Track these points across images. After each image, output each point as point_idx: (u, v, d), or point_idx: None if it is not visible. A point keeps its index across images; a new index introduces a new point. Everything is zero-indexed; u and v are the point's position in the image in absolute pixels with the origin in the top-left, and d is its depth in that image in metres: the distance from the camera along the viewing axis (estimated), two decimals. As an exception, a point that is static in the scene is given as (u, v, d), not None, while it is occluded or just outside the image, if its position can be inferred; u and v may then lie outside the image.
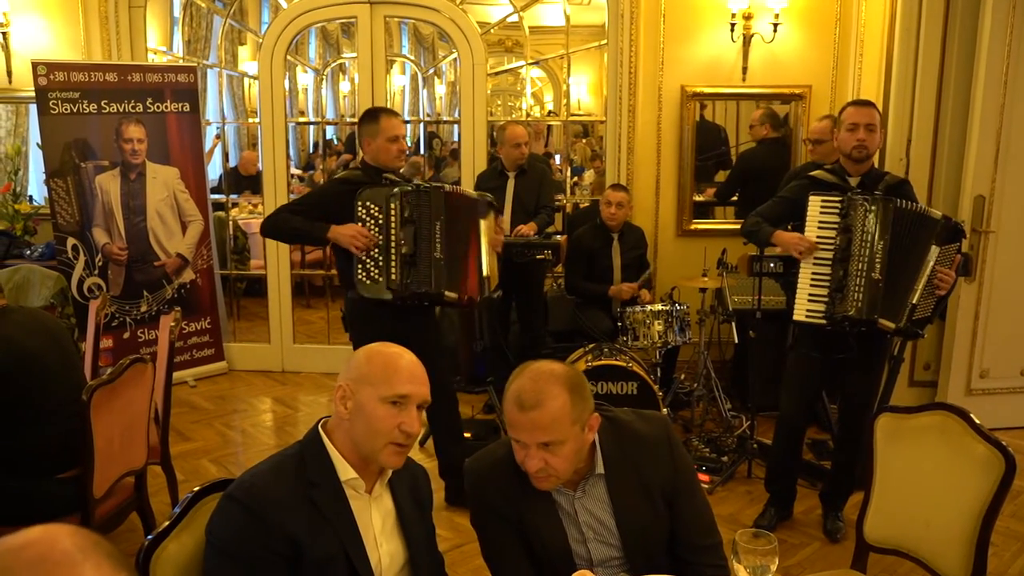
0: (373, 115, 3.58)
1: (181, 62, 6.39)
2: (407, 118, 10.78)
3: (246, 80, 9.13)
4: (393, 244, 3.35)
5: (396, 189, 3.37)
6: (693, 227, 5.33)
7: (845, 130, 3.34)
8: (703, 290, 4.64)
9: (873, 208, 3.24)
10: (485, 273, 3.48)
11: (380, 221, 3.37)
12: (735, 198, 5.56)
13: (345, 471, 1.75)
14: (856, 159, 3.34)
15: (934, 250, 3.25)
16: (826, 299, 3.31)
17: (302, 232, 3.54)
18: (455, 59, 5.41)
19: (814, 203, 3.33)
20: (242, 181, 7.93)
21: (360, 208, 3.37)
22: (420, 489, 1.95)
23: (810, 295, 3.34)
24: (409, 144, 6.40)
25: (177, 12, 7.14)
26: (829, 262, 3.30)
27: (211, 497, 1.85)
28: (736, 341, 4.46)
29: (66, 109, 4.95)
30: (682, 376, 4.78)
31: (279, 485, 1.69)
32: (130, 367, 2.82)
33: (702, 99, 5.20)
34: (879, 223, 3.24)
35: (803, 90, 5.12)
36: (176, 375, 5.29)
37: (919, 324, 3.30)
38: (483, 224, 3.50)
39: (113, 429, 2.81)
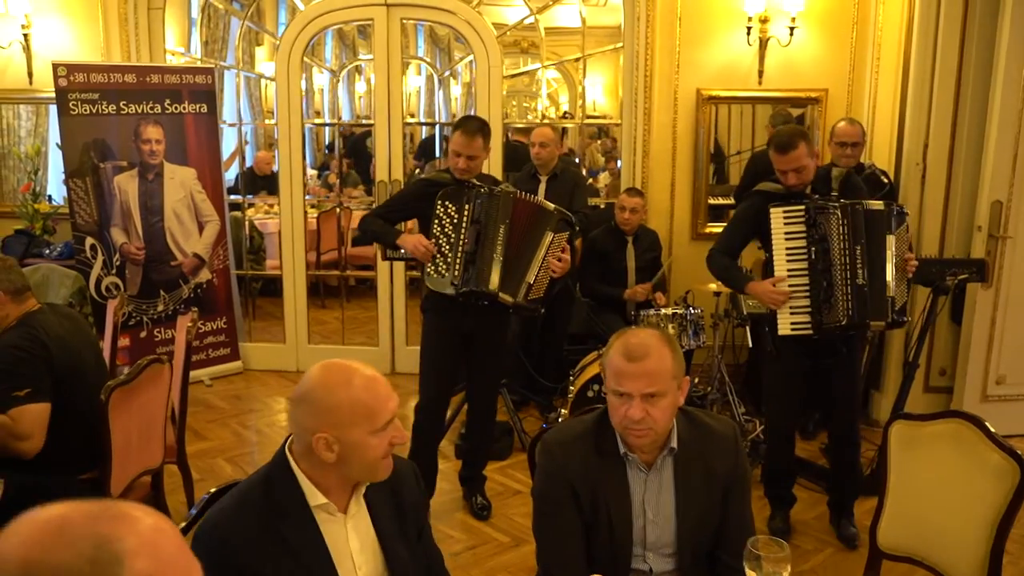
0: (456, 125, 3.68)
1: (199, 63, 6.44)
2: (422, 119, 10.83)
3: (262, 81, 9.18)
4: (461, 243, 3.48)
5: (473, 192, 3.49)
6: (708, 230, 5.32)
7: (779, 171, 3.35)
8: (717, 294, 4.64)
9: (843, 214, 3.27)
10: (530, 280, 3.52)
11: (455, 220, 3.50)
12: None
13: (315, 497, 1.71)
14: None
15: (891, 240, 3.32)
16: (809, 309, 3.33)
17: (379, 235, 3.73)
18: (471, 61, 5.42)
19: (776, 215, 3.33)
20: (257, 181, 7.96)
21: (439, 207, 3.51)
22: (402, 491, 1.88)
23: (791, 308, 3.35)
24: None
25: (195, 13, 7.20)
26: (805, 272, 3.33)
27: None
28: (751, 346, 4.45)
29: (85, 110, 5.00)
30: (696, 380, 4.77)
31: (244, 522, 1.66)
32: (148, 367, 2.85)
33: (718, 102, 5.18)
34: (852, 229, 3.28)
35: (819, 94, 5.11)
36: (192, 374, 5.35)
37: (901, 312, 3.39)
38: (549, 237, 3.52)
39: (131, 429, 2.84)
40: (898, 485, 2.52)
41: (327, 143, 10.93)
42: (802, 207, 3.29)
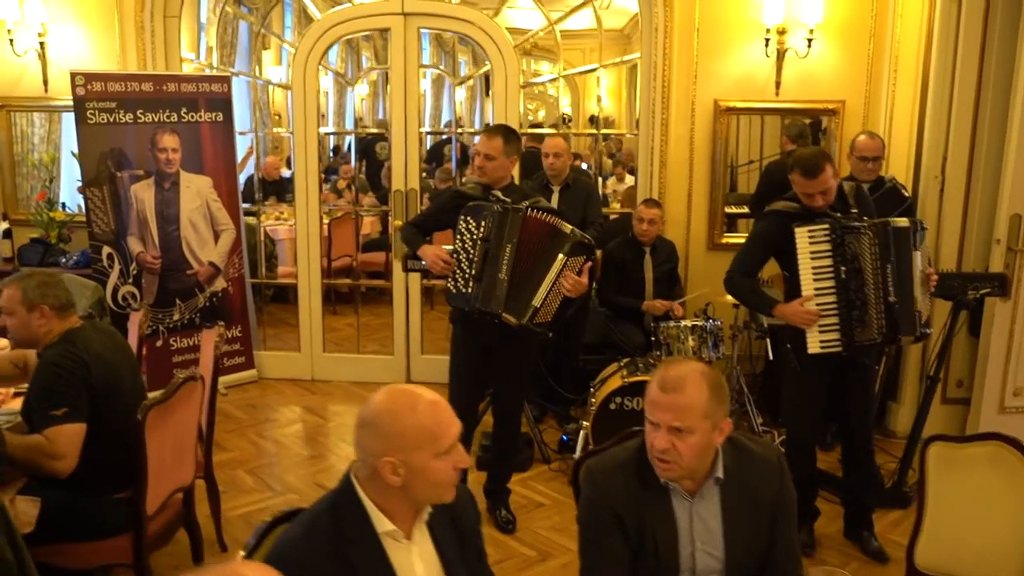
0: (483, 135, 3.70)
1: (211, 71, 6.42)
2: (427, 124, 10.80)
3: (270, 86, 9.17)
4: (474, 260, 3.50)
5: (489, 209, 3.49)
6: (724, 240, 5.33)
7: (800, 193, 3.35)
8: (736, 306, 4.64)
9: (874, 234, 3.30)
10: (535, 303, 3.47)
11: (473, 236, 3.50)
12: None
13: (382, 523, 1.75)
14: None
15: (917, 256, 3.37)
16: (838, 327, 3.34)
17: (408, 243, 3.77)
18: (476, 66, 5.42)
19: (801, 235, 3.33)
20: (266, 187, 7.96)
21: (461, 221, 3.53)
22: (462, 516, 1.93)
23: (821, 326, 3.36)
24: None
25: (204, 18, 7.18)
26: (832, 291, 3.34)
27: (282, 527, 1.88)
28: (771, 357, 4.46)
29: (103, 119, 4.99)
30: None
31: (314, 551, 1.69)
32: (183, 386, 2.85)
33: (736, 114, 5.19)
34: (882, 247, 3.31)
35: (837, 105, 5.11)
36: (191, 372, 5.36)
37: (926, 325, 3.47)
38: (560, 259, 3.46)
39: (165, 448, 2.84)
40: (936, 506, 2.53)
41: (332, 146, 10.91)
42: (827, 226, 3.30)
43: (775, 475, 2.11)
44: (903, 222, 3.39)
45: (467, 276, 3.51)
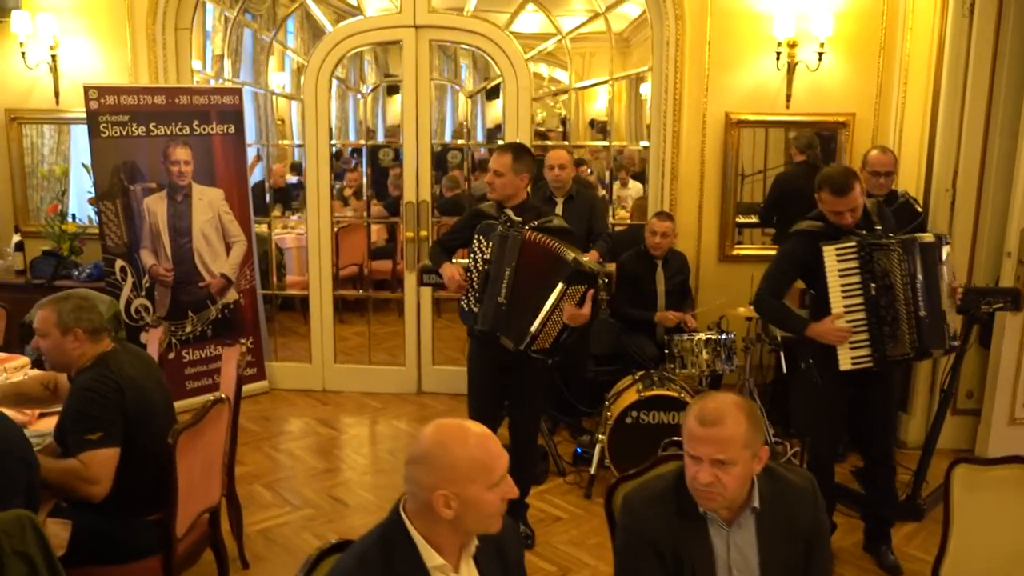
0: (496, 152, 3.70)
1: (217, 82, 6.42)
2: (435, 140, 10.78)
3: (271, 96, 9.15)
4: (480, 280, 3.53)
5: (496, 230, 3.50)
6: (735, 252, 5.36)
7: (828, 211, 3.37)
8: (749, 319, 4.68)
9: (903, 251, 3.34)
10: (533, 330, 3.43)
11: (484, 256, 3.52)
12: (775, 220, 5.61)
13: (432, 558, 1.77)
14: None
15: (944, 270, 3.43)
16: (868, 343, 3.38)
17: (433, 262, 3.79)
18: (477, 71, 5.43)
19: (829, 253, 3.36)
20: (272, 194, 7.95)
21: (475, 240, 3.56)
22: (507, 548, 1.96)
23: (851, 343, 3.39)
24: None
25: (209, 26, 7.18)
26: (861, 307, 3.37)
27: (330, 559, 1.90)
28: (784, 370, 4.48)
29: (116, 132, 5.00)
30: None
31: None
32: (212, 408, 2.86)
33: (747, 126, 5.22)
34: (911, 263, 3.35)
35: (847, 118, 5.15)
36: (219, 394, 5.37)
37: (954, 338, 3.54)
38: (560, 287, 3.39)
39: (195, 470, 2.86)
40: (962, 528, 2.55)
41: (333, 152, 10.89)
42: (854, 244, 3.33)
43: (810, 503, 2.14)
44: (929, 237, 3.44)
45: (475, 296, 3.55)
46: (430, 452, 1.77)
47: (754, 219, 5.62)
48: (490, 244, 3.51)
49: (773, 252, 5.32)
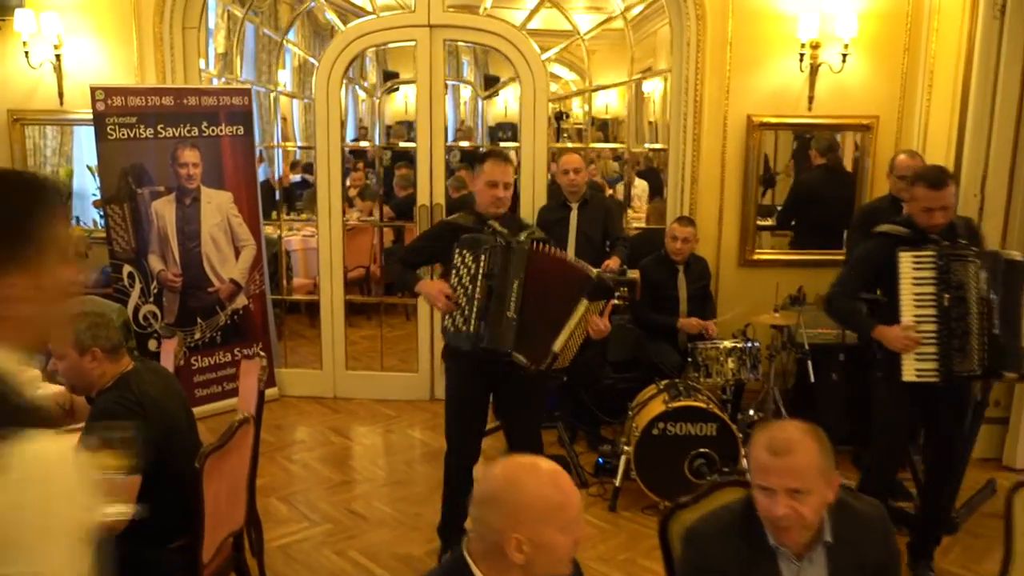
0: (482, 157, 3.53)
1: (219, 80, 6.29)
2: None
3: (273, 95, 9.02)
4: (476, 297, 3.25)
5: (488, 243, 3.27)
6: (756, 257, 5.27)
7: (919, 209, 3.28)
8: (775, 326, 4.58)
9: (983, 263, 3.23)
10: (556, 349, 3.26)
11: (471, 272, 3.28)
12: (793, 223, 5.53)
13: None
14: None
15: None
16: (936, 357, 3.27)
17: (400, 281, 3.60)
18: (478, 67, 5.31)
19: (905, 260, 3.28)
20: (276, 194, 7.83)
21: (456, 255, 3.30)
22: None
23: (917, 354, 3.29)
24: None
25: (212, 24, 7.03)
26: (933, 319, 3.27)
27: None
28: (812, 379, 4.39)
29: (123, 134, 4.87)
30: (751, 412, 4.72)
31: None
32: (239, 429, 2.75)
33: (768, 129, 5.12)
34: (989, 278, 3.23)
35: (870, 121, 5.06)
36: (228, 402, 5.26)
37: None
38: (583, 304, 3.25)
39: (221, 493, 2.75)
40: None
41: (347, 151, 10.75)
42: (933, 253, 3.24)
43: (880, 535, 2.07)
44: (1015, 254, 3.33)
45: (467, 314, 3.27)
46: (501, 492, 1.68)
47: (771, 221, 5.55)
48: (481, 258, 3.25)
49: (794, 257, 5.32)
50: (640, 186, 8.29)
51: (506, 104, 11.19)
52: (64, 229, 1.29)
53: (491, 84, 10.13)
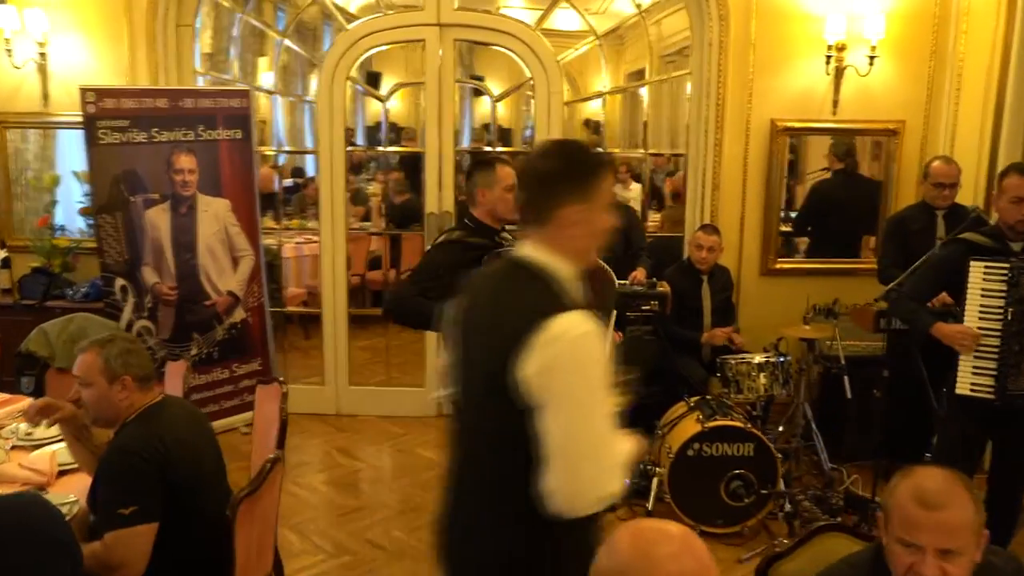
0: (488, 164, 3.26)
1: (205, 79, 5.98)
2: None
3: (259, 95, 8.70)
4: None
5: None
6: (779, 266, 5.09)
7: (1008, 201, 3.15)
8: (805, 339, 4.40)
9: None
10: None
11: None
12: (809, 229, 5.37)
13: None
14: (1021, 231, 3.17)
15: None
16: (995, 372, 3.11)
17: (416, 314, 3.06)
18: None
19: (976, 269, 3.14)
20: (262, 200, 7.52)
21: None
22: None
23: (975, 367, 3.14)
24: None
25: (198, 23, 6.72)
26: (997, 333, 3.12)
27: None
28: (849, 395, 4.21)
29: (116, 138, 4.56)
30: (780, 428, 4.54)
31: None
32: (271, 471, 2.50)
33: (793, 133, 4.95)
34: None
35: (897, 125, 4.90)
36: (227, 421, 4.98)
37: None
38: None
39: (251, 540, 2.50)
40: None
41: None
42: (1007, 265, 3.08)
43: None
44: None
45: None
46: (631, 567, 1.44)
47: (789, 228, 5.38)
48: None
49: (816, 266, 5.15)
50: (635, 189, 8.08)
51: (536, 111, 10.90)
52: (611, 187, 1.85)
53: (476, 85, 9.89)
